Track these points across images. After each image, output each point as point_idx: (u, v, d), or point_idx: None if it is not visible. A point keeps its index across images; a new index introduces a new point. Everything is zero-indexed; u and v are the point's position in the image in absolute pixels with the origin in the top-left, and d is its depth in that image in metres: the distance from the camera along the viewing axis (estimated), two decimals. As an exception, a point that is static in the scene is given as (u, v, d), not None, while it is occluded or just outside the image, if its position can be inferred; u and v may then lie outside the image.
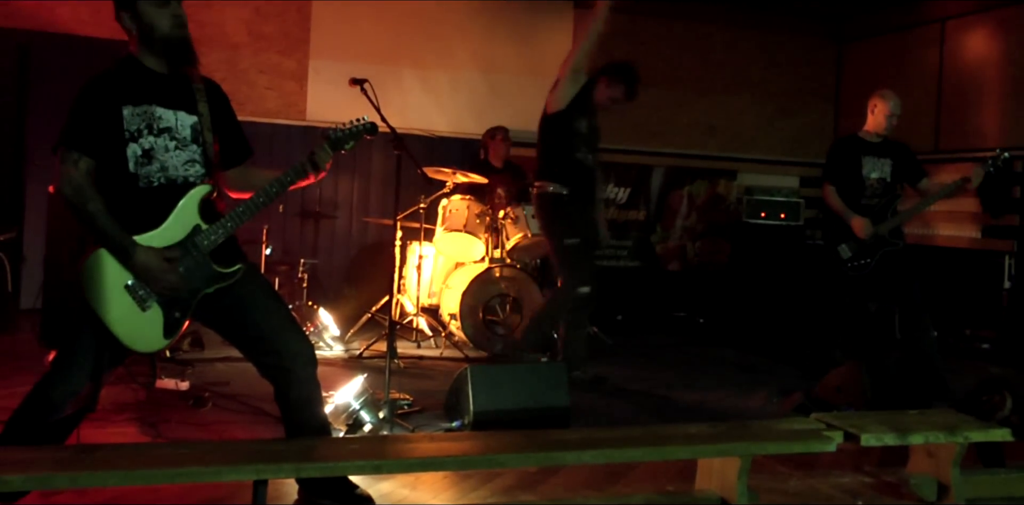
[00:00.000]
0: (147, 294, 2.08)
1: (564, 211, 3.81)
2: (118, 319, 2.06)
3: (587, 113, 3.77)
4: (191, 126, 2.17)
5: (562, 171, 3.77)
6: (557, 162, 3.76)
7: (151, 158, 2.11)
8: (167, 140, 2.13)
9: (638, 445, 2.24)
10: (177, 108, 2.16)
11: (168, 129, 2.14)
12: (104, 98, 2.09)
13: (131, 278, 2.06)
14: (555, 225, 3.83)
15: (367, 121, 2.34)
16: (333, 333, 4.76)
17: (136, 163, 2.10)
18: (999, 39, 5.94)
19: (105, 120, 2.08)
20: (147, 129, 2.11)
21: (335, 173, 6.19)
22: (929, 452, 2.54)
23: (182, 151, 2.15)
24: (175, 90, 2.17)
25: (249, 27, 5.94)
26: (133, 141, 2.09)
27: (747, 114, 7.15)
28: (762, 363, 4.96)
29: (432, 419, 3.31)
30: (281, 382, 2.27)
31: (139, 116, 2.10)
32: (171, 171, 2.14)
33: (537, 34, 6.57)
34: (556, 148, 3.74)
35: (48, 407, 2.12)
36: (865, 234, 3.95)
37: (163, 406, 3.32)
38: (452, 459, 2.20)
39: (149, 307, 2.09)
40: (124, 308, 2.06)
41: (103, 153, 2.09)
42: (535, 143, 4.00)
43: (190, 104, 2.18)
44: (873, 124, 4.10)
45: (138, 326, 2.08)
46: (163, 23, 2.11)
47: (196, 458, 1.93)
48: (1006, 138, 5.79)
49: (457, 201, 4.84)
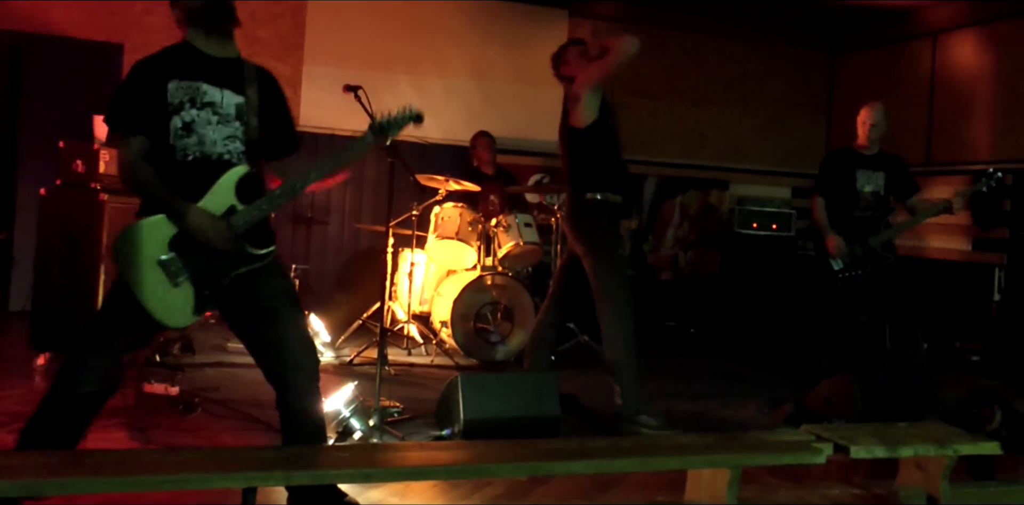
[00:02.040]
0: (179, 270, 2.12)
1: (614, 221, 3.65)
2: (150, 293, 2.10)
3: (614, 117, 3.66)
4: (236, 104, 2.20)
5: (609, 178, 3.60)
6: (601, 169, 3.59)
7: (190, 131, 2.15)
8: (209, 114, 2.16)
9: (628, 455, 2.23)
10: (224, 87, 2.19)
11: (212, 104, 2.17)
12: (151, 73, 2.15)
13: (165, 253, 2.11)
14: (606, 235, 3.58)
15: (414, 110, 2.31)
16: (324, 339, 4.74)
17: (175, 135, 2.14)
18: (991, 53, 6.00)
19: (150, 94, 2.13)
20: (190, 102, 2.14)
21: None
22: (919, 465, 2.54)
23: (224, 126, 2.18)
24: (224, 70, 2.20)
25: (243, 31, 5.83)
26: (175, 113, 2.14)
27: (740, 124, 7.19)
28: (752, 373, 4.97)
29: (422, 427, 3.30)
30: (281, 389, 2.30)
31: (183, 90, 2.14)
32: (208, 146, 2.16)
33: (531, 42, 6.59)
34: (598, 156, 3.58)
35: (74, 389, 2.15)
36: (838, 254, 3.99)
37: (152, 411, 3.31)
38: (442, 468, 2.19)
39: (180, 283, 2.12)
40: (156, 283, 2.10)
41: (151, 126, 2.14)
42: (529, 152, 3.96)
43: (238, 85, 2.21)
44: (859, 135, 4.15)
45: (169, 301, 2.12)
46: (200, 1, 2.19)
47: (185, 465, 1.92)
48: (997, 151, 5.85)
49: (449, 209, 4.85)
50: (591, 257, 3.55)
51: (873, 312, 4.42)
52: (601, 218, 3.58)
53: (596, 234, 3.57)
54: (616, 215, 3.64)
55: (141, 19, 5.65)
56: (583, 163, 3.63)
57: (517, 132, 6.40)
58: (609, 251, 3.55)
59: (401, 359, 4.70)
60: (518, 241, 4.81)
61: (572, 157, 3.66)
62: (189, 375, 3.94)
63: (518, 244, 4.81)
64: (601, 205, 3.57)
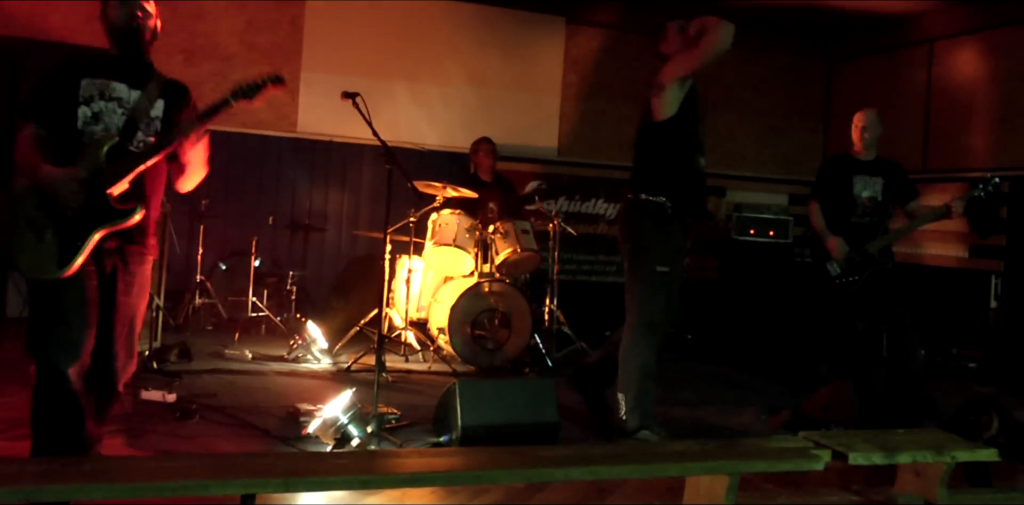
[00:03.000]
0: (44, 226, 2.32)
1: (666, 230, 3.20)
2: (20, 249, 2.33)
3: (698, 116, 3.26)
4: (137, 99, 2.49)
5: (675, 182, 3.20)
6: (669, 171, 3.20)
7: (98, 119, 2.44)
8: (116, 106, 2.46)
9: (626, 462, 2.24)
10: (133, 87, 2.49)
11: (118, 98, 2.47)
12: (66, 71, 2.47)
13: (33, 212, 2.33)
14: (650, 245, 3.19)
15: (274, 74, 2.55)
16: (321, 346, 4.74)
17: (84, 122, 2.43)
18: (987, 60, 6.05)
19: (63, 89, 2.43)
20: (99, 95, 2.45)
21: (325, 186, 6.20)
22: (917, 471, 2.55)
23: (126, 117, 2.46)
24: (133, 72, 2.50)
25: (242, 38, 5.96)
26: (85, 105, 2.43)
27: (737, 132, 7.23)
28: (750, 380, 4.97)
29: (420, 433, 3.30)
30: (90, 377, 2.44)
31: (95, 86, 2.45)
32: (113, 131, 2.44)
33: (529, 49, 6.63)
34: (669, 155, 3.20)
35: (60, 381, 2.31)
36: (839, 255, 4.01)
37: (150, 418, 3.30)
38: (440, 475, 2.19)
39: (46, 238, 2.32)
40: (26, 240, 2.33)
41: (57, 116, 2.41)
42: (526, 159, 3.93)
43: (143, 84, 2.50)
44: (854, 141, 4.18)
45: (36, 255, 2.33)
46: (122, 17, 2.48)
47: (183, 472, 1.93)
48: (994, 158, 5.89)
49: (447, 215, 4.85)
50: (625, 263, 3.29)
51: (870, 318, 4.43)
52: (648, 223, 3.19)
53: (635, 240, 3.23)
54: (671, 224, 3.20)
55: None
56: (647, 161, 3.27)
57: (514, 139, 6.42)
58: (643, 260, 3.19)
59: (399, 366, 4.69)
60: (516, 248, 4.82)
61: (639, 152, 3.30)
62: (186, 382, 3.94)
63: (516, 251, 4.82)
64: (655, 209, 3.17)
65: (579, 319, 5.42)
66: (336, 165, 6.17)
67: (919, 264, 6.11)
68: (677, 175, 3.22)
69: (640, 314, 3.21)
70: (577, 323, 5.34)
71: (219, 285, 5.54)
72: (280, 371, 4.44)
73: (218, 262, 5.56)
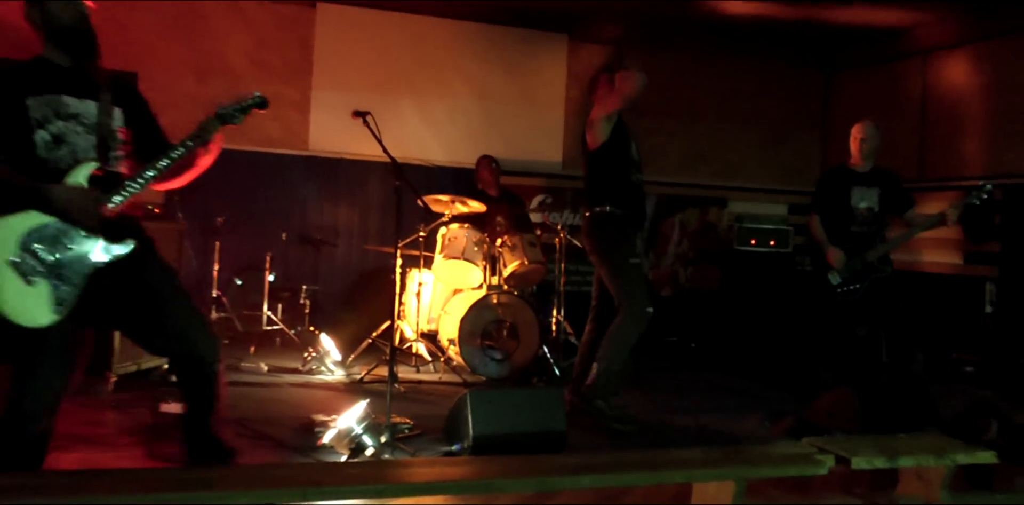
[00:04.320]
0: (32, 268, 2.09)
1: (623, 232, 3.83)
2: (4, 295, 2.07)
3: (628, 138, 3.89)
4: (96, 112, 2.23)
5: (617, 194, 3.84)
6: (611, 186, 3.84)
7: (61, 142, 2.16)
8: (75, 125, 2.18)
9: (634, 469, 2.27)
10: (84, 97, 2.21)
11: (76, 115, 2.19)
12: (4, 90, 2.15)
13: (14, 254, 2.08)
14: (615, 246, 3.80)
15: (258, 95, 2.35)
16: (335, 358, 4.80)
17: (46, 147, 2.15)
18: (979, 71, 6.12)
19: (6, 112, 2.13)
20: (54, 115, 2.16)
21: (336, 202, 6.31)
22: (919, 475, 2.59)
23: (91, 135, 2.21)
24: (81, 81, 2.23)
25: (252, 58, 6.07)
26: (40, 127, 2.14)
27: (737, 143, 7.29)
28: (753, 387, 5.01)
29: (432, 443, 3.34)
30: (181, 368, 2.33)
31: (44, 104, 2.15)
32: (81, 154, 2.19)
33: (532, 65, 6.73)
34: (609, 174, 3.85)
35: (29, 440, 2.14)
36: (838, 266, 4.10)
37: (168, 430, 3.33)
38: (452, 483, 2.22)
39: (34, 281, 2.09)
40: (9, 283, 2.07)
41: (9, 143, 2.13)
42: (531, 173, 4.07)
43: (95, 94, 2.24)
44: (852, 152, 4.26)
45: (24, 300, 2.08)
46: (67, 16, 2.20)
47: (203, 483, 1.96)
48: (988, 167, 5.94)
49: (456, 229, 4.93)
50: (602, 267, 3.84)
51: (870, 325, 4.49)
52: (607, 229, 3.82)
53: (604, 245, 3.83)
54: (625, 227, 3.82)
55: (153, 46, 5.78)
56: (594, 180, 3.90)
57: (519, 153, 6.51)
58: (618, 260, 3.77)
59: (410, 376, 4.75)
60: (523, 260, 4.89)
61: (587, 175, 3.94)
62: None
63: (523, 263, 4.89)
64: (608, 217, 3.81)
65: (585, 329, 5.48)
66: (346, 181, 6.27)
67: (916, 271, 6.15)
68: (617, 189, 3.83)
69: (633, 302, 3.72)
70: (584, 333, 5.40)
71: (234, 300, 5.64)
72: (295, 383, 4.50)
73: (233, 277, 5.65)
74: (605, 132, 3.80)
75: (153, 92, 6.93)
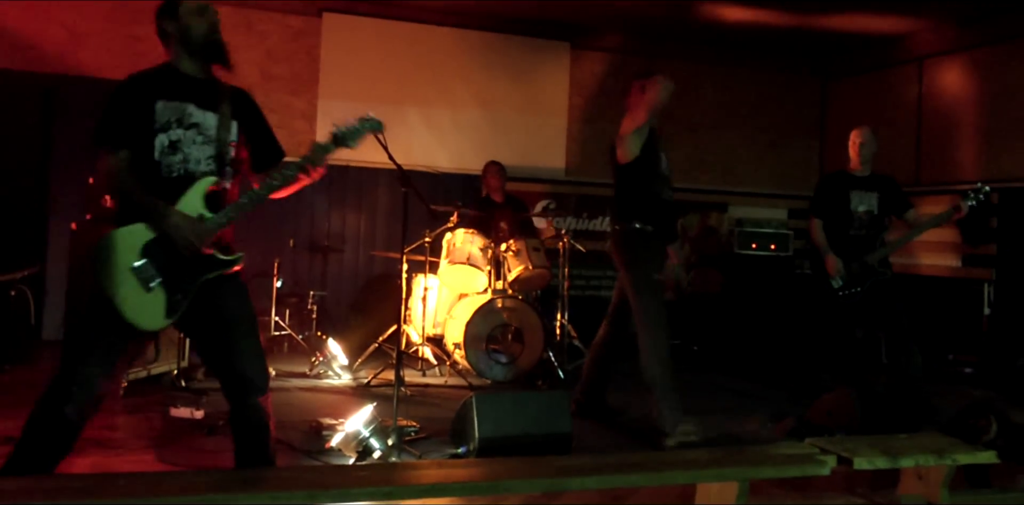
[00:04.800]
0: (152, 275, 2.20)
1: (649, 248, 3.81)
2: (125, 298, 2.18)
3: (658, 151, 3.85)
4: (216, 125, 2.32)
5: (645, 210, 3.80)
6: (639, 201, 3.81)
7: (176, 149, 2.26)
8: (195, 134, 2.28)
9: (639, 470, 2.28)
10: (207, 108, 2.31)
11: (197, 125, 2.29)
12: (138, 92, 2.26)
13: (138, 260, 2.19)
14: (639, 262, 3.78)
15: (373, 118, 2.39)
16: (342, 362, 4.84)
17: (161, 152, 2.25)
18: (974, 77, 6.18)
19: (137, 112, 2.24)
20: (176, 122, 2.26)
21: (343, 209, 6.37)
22: (919, 474, 2.60)
23: (207, 146, 2.30)
24: (207, 92, 2.34)
25: (261, 68, 6.15)
26: (162, 132, 2.25)
27: (737, 149, 7.34)
28: (755, 389, 5.04)
29: (438, 445, 3.37)
30: (231, 403, 2.36)
31: (171, 110, 2.26)
32: (192, 164, 2.28)
33: (535, 73, 6.79)
34: (637, 189, 3.80)
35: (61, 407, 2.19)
36: (836, 273, 4.13)
37: (179, 434, 3.39)
38: (459, 485, 2.23)
39: (153, 288, 2.20)
40: (130, 288, 2.19)
41: (133, 142, 2.24)
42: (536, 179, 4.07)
43: (217, 106, 2.34)
44: (851, 157, 4.30)
45: (143, 305, 2.20)
46: (201, 28, 2.33)
47: (213, 485, 1.97)
48: (983, 171, 5.99)
49: (461, 235, 4.98)
50: (626, 281, 3.84)
51: (870, 326, 4.53)
52: (634, 245, 3.80)
53: (630, 260, 3.81)
54: (651, 243, 3.79)
55: (164, 59, 5.87)
56: (623, 195, 3.85)
57: (523, 160, 6.56)
58: (641, 275, 3.76)
59: (416, 380, 4.79)
60: (527, 265, 4.94)
61: (616, 189, 3.90)
62: (214, 399, 3.96)
63: (527, 268, 4.94)
64: (635, 233, 3.78)
65: (589, 333, 5.45)
66: (353, 189, 6.33)
67: (914, 274, 6.20)
68: (645, 205, 3.79)
69: (649, 317, 3.71)
70: (587, 336, 5.38)
71: (242, 306, 5.69)
72: (303, 387, 4.54)
73: (242, 284, 5.72)
74: (635, 147, 3.74)
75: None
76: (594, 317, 6.10)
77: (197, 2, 2.36)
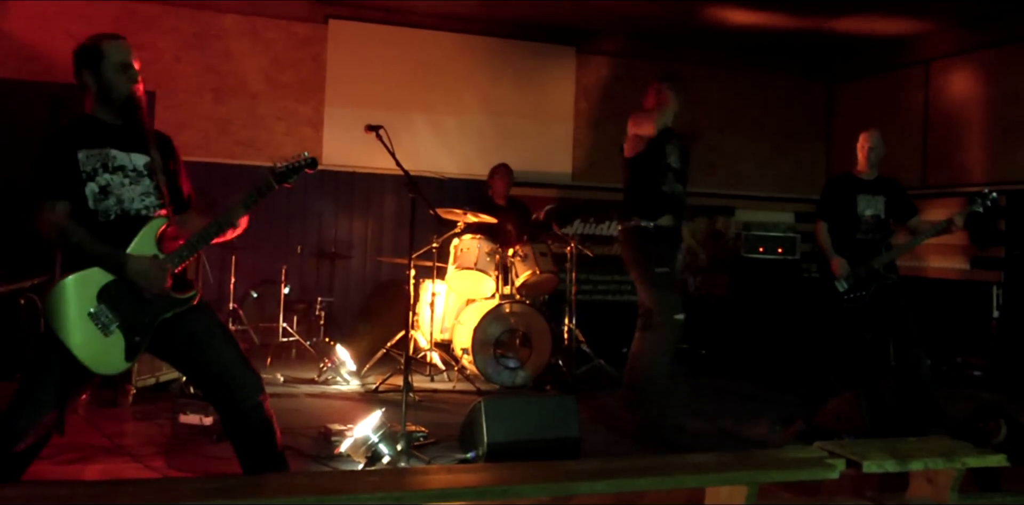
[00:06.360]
0: (110, 320, 2.21)
1: (652, 244, 3.81)
2: (82, 345, 2.17)
3: (665, 146, 3.82)
4: (144, 164, 2.36)
5: (647, 206, 3.81)
6: (642, 197, 3.82)
7: (107, 193, 2.29)
8: (121, 177, 2.32)
9: (648, 474, 2.29)
10: (130, 150, 2.35)
11: (122, 167, 2.32)
12: (59, 146, 2.29)
13: (94, 306, 2.20)
14: (642, 257, 3.80)
15: (309, 156, 2.47)
16: (350, 368, 4.86)
17: (95, 200, 2.28)
18: (981, 79, 6.17)
19: (63, 165, 2.27)
20: (102, 168, 2.29)
21: (350, 215, 6.41)
22: (928, 478, 2.59)
23: (136, 185, 2.34)
24: (128, 136, 2.37)
25: (267, 76, 6.19)
26: (90, 180, 2.27)
27: (743, 153, 7.35)
28: (763, 392, 5.04)
29: (447, 450, 3.38)
30: (228, 411, 2.37)
31: (93, 157, 2.29)
32: (127, 203, 2.31)
33: (541, 78, 6.81)
34: (640, 185, 3.82)
35: (12, 436, 2.19)
36: (842, 275, 4.13)
37: (188, 441, 3.40)
38: (468, 490, 2.22)
39: (112, 332, 2.21)
40: (88, 334, 2.18)
41: (68, 195, 2.27)
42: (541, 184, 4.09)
43: (142, 147, 2.37)
44: (859, 160, 4.30)
45: (101, 350, 2.20)
46: (124, 89, 2.34)
47: (221, 492, 1.96)
48: (990, 174, 5.98)
49: (468, 240, 4.99)
50: (633, 276, 3.87)
51: (877, 330, 4.52)
52: (636, 242, 3.82)
53: (634, 256, 3.85)
54: (653, 240, 3.79)
55: (171, 67, 5.91)
56: (627, 190, 3.90)
57: (530, 165, 6.58)
58: (645, 270, 3.78)
59: (425, 385, 4.80)
60: (535, 270, 4.95)
61: (624, 185, 3.93)
62: None
63: (535, 273, 4.95)
64: (636, 231, 3.80)
65: (597, 337, 5.52)
66: (360, 195, 6.36)
67: (922, 277, 6.18)
68: (648, 201, 3.80)
69: (661, 310, 3.72)
70: (595, 341, 5.45)
71: (251, 312, 5.72)
72: (311, 393, 4.55)
73: (250, 290, 5.73)
74: (640, 146, 3.80)
75: (171, 112, 7.12)
76: (602, 321, 6.15)
77: (120, 52, 2.34)
